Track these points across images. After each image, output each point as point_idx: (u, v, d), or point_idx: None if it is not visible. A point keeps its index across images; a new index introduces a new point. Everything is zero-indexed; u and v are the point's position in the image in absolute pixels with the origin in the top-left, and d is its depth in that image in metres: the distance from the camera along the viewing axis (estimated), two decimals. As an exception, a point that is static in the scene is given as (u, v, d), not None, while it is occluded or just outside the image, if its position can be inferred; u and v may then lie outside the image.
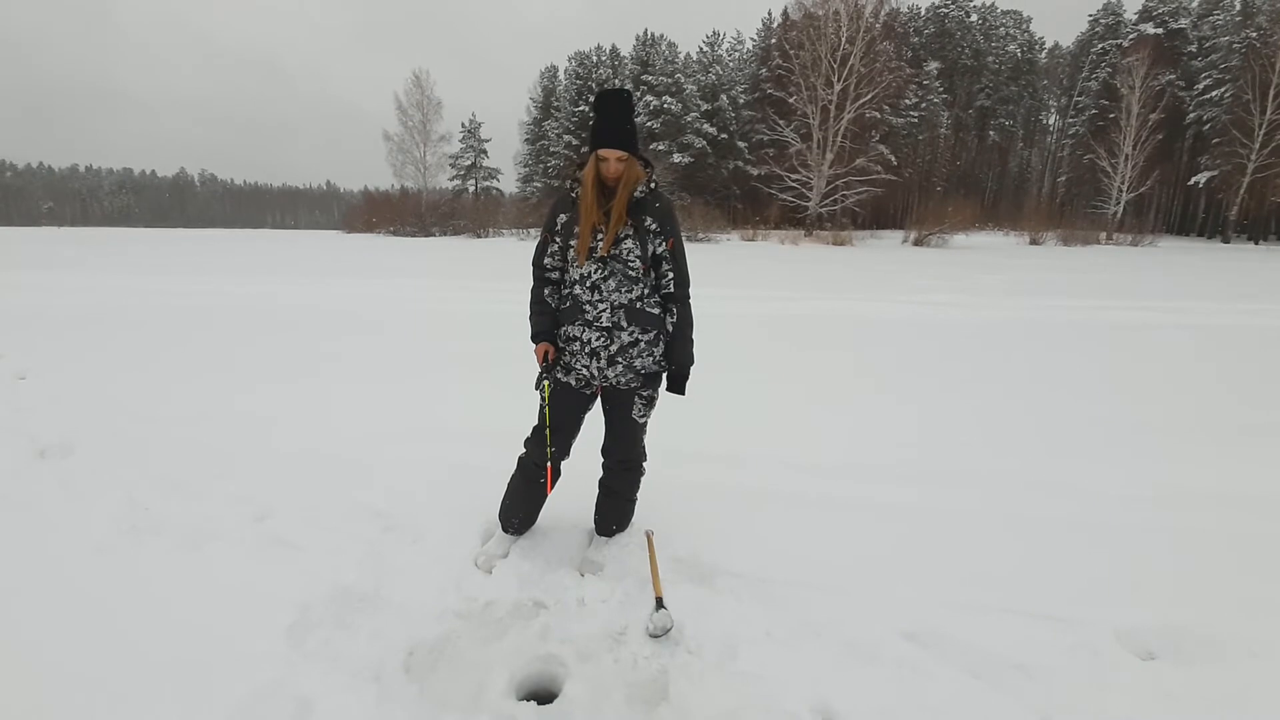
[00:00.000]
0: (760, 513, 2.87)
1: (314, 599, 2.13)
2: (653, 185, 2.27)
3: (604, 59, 51.33)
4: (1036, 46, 57.46)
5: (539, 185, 50.28)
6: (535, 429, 2.44)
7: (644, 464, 2.54)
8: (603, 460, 2.52)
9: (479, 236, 37.16)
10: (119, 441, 3.50)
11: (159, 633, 1.95)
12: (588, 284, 2.24)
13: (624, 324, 2.25)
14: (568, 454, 2.48)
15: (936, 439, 3.93)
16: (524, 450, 2.49)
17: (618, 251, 2.22)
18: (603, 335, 2.25)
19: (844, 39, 31.90)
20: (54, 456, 3.32)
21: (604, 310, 2.24)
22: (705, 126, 44.86)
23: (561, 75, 53.11)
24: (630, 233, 2.22)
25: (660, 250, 2.28)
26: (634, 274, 2.24)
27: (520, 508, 2.53)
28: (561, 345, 2.35)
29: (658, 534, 2.59)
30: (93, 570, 2.28)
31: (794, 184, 34.71)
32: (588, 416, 2.47)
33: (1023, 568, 2.50)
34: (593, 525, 2.62)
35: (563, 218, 2.31)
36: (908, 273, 16.39)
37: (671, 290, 2.33)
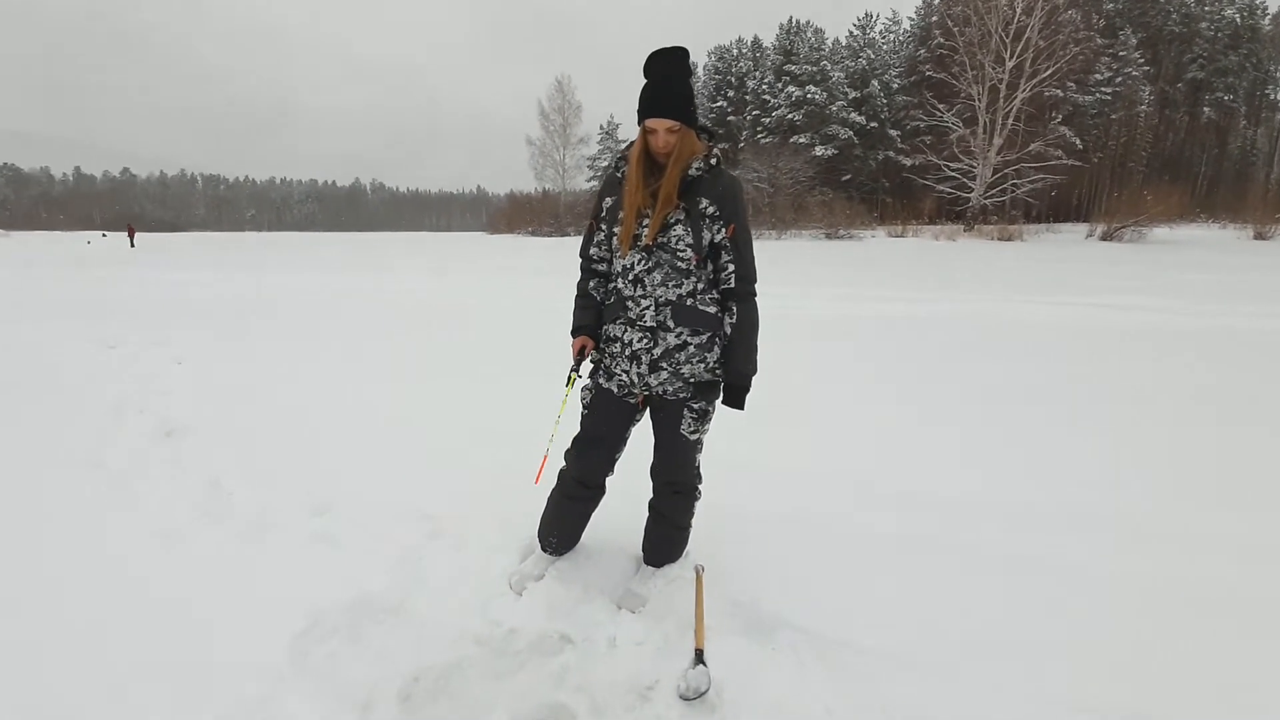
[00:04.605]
0: (845, 555, 2.40)
1: (333, 605, 2.03)
2: (713, 161, 1.92)
3: (745, 51, 50.18)
4: (1259, 11, 47.76)
5: (675, 183, 50.24)
6: (575, 438, 2.18)
7: (699, 487, 2.19)
8: (652, 481, 2.21)
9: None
10: (228, 426, 3.75)
11: (177, 630, 1.93)
12: (630, 276, 1.94)
13: (670, 324, 1.92)
14: (612, 470, 2.19)
15: (1105, 476, 3.14)
16: (564, 464, 2.24)
17: (665, 239, 1.89)
18: (645, 336, 1.94)
19: (1019, 10, 28.53)
20: (178, 436, 3.62)
21: (647, 307, 1.93)
22: (853, 115, 42.30)
23: (700, 71, 52.67)
24: (681, 217, 1.88)
25: (719, 238, 1.92)
26: (684, 266, 1.90)
27: (559, 526, 2.28)
28: (602, 346, 2.07)
29: (713, 570, 2.22)
30: (148, 560, 2.32)
31: (954, 174, 31.71)
32: (636, 430, 2.16)
33: (1217, 660, 1.83)
34: (641, 552, 2.31)
35: (608, 201, 2.03)
36: (1087, 271, 14.20)
37: (732, 286, 1.95)
